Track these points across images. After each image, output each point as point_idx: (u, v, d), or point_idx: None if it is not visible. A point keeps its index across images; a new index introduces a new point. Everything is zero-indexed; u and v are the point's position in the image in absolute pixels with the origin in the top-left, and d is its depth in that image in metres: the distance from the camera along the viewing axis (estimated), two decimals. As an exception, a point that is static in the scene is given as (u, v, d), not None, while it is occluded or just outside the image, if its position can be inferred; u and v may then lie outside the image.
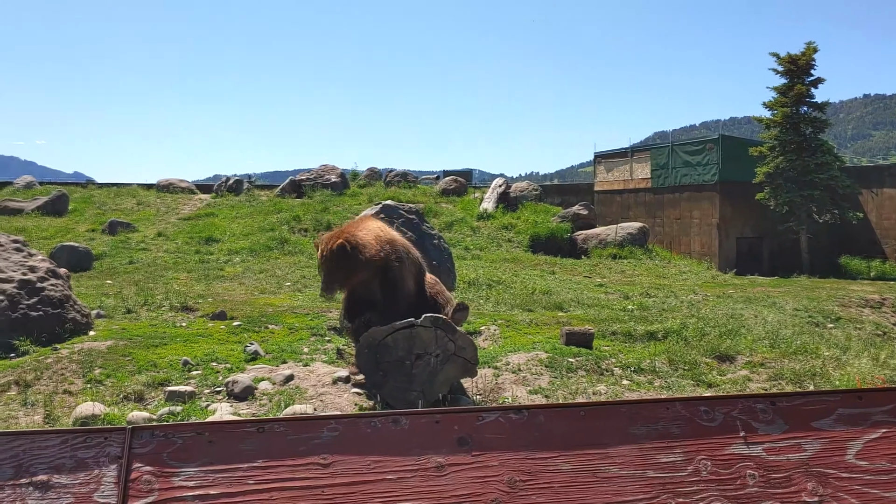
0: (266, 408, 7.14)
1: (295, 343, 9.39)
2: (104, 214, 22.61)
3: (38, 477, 1.69)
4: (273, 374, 8.10)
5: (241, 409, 7.11)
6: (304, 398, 7.38)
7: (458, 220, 22.33)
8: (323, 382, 7.93)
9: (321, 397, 7.50)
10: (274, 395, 7.48)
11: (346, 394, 7.62)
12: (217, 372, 8.19)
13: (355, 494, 1.74)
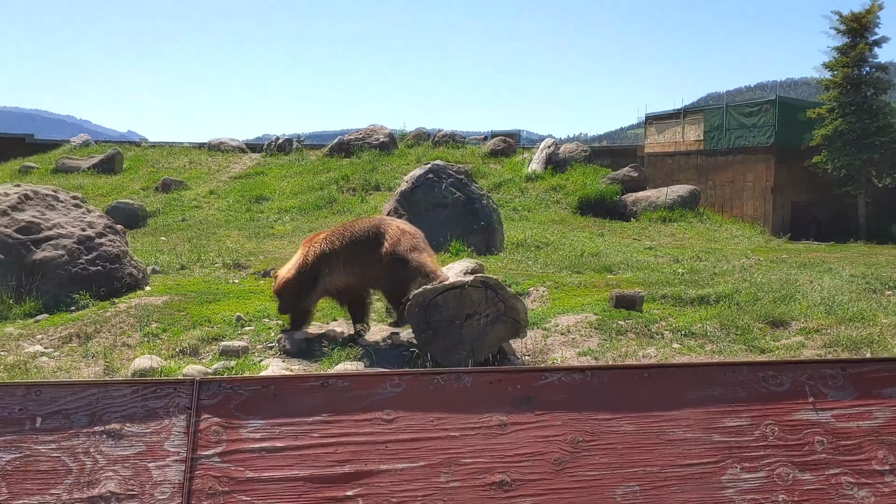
0: (317, 364, 7.24)
1: (344, 301, 9.46)
2: (157, 173, 22.97)
3: (111, 425, 1.73)
4: (323, 331, 8.20)
5: (293, 364, 7.22)
6: (353, 355, 7.46)
7: (506, 181, 22.19)
8: (373, 340, 8.00)
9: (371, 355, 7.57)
10: (324, 351, 7.57)
11: (396, 351, 7.69)
12: (269, 328, 8.32)
13: (418, 450, 1.75)
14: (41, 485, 1.65)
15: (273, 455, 1.72)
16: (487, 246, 13.76)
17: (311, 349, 7.66)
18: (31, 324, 8.25)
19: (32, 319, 8.38)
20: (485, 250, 13.49)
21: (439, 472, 1.73)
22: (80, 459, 1.68)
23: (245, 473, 1.69)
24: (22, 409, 1.73)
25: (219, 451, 1.71)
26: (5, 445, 1.68)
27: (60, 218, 9.63)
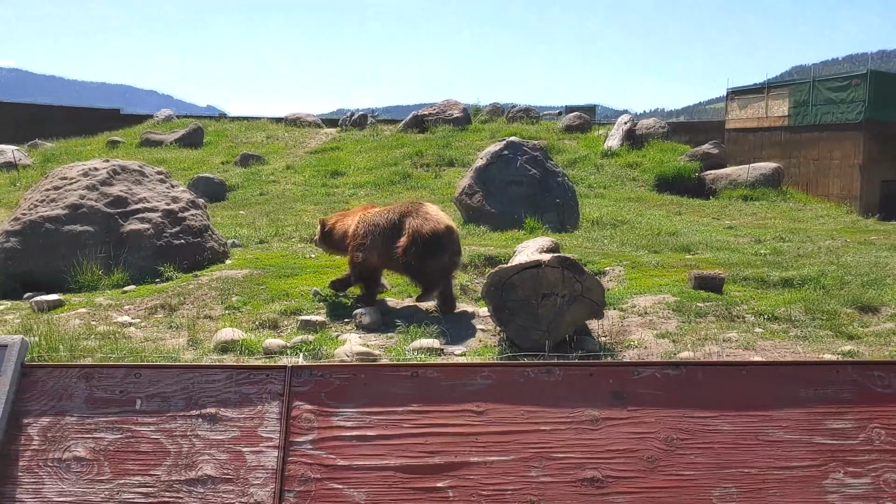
0: (394, 340, 7.30)
1: (420, 277, 9.51)
2: (236, 147, 23.45)
3: (207, 409, 1.76)
4: (399, 307, 8.27)
5: (370, 340, 7.30)
6: (428, 333, 7.50)
7: (582, 158, 21.88)
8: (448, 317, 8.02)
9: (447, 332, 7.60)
10: (401, 327, 7.64)
11: (472, 330, 7.70)
12: (346, 304, 8.43)
13: (509, 443, 1.73)
14: (142, 465, 1.70)
15: (364, 444, 1.72)
16: (563, 223, 13.61)
17: (389, 324, 7.74)
18: (119, 294, 8.54)
19: (121, 290, 8.68)
20: (560, 228, 13.35)
21: (530, 465, 1.71)
22: (178, 442, 1.72)
23: (337, 461, 1.70)
24: (123, 391, 1.78)
25: (311, 439, 1.72)
26: (108, 426, 1.73)
27: (147, 192, 9.93)
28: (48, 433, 1.71)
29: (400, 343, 7.19)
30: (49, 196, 9.49)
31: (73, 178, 9.76)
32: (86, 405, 1.74)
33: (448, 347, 7.08)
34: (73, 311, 7.84)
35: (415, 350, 6.85)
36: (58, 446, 1.70)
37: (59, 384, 1.77)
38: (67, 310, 7.93)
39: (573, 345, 6.98)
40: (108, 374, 1.78)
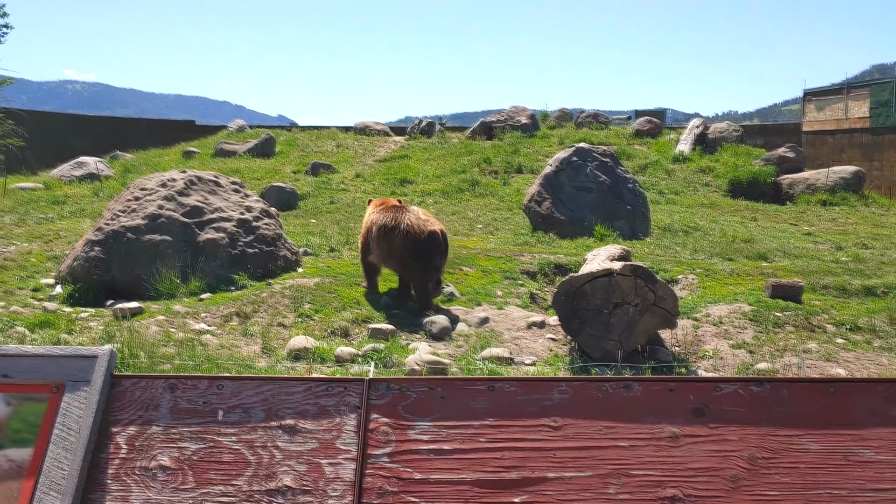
0: (463, 349, 7.31)
1: (489, 286, 9.52)
2: (307, 156, 23.84)
3: (287, 421, 1.79)
4: (468, 316, 8.27)
5: (439, 348, 7.32)
6: (499, 341, 7.48)
7: (652, 163, 21.55)
8: (517, 326, 8.00)
9: (516, 341, 7.58)
10: (470, 336, 7.64)
11: (541, 339, 7.65)
12: (415, 312, 8.47)
13: (586, 459, 1.71)
14: (224, 475, 1.73)
15: (440, 457, 1.72)
16: (633, 230, 13.43)
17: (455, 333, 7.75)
18: (195, 302, 8.77)
19: (197, 298, 8.91)
20: (630, 235, 13.18)
21: (608, 482, 1.69)
22: (258, 453, 1.75)
23: (413, 475, 1.71)
24: (206, 402, 1.82)
25: (388, 452, 1.73)
26: (192, 436, 1.78)
27: (221, 202, 10.18)
28: (135, 442, 1.77)
29: (469, 352, 7.19)
30: (129, 207, 9.81)
31: (152, 189, 10.07)
32: (170, 415, 1.79)
33: (518, 357, 7.05)
34: (152, 319, 8.07)
35: (484, 359, 6.84)
36: (144, 455, 1.75)
37: (145, 395, 1.83)
38: (147, 317, 8.18)
39: (646, 355, 6.87)
40: (192, 384, 1.82)
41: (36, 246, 12.05)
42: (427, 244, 8.40)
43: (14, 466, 1.75)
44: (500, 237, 13.44)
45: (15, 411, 1.82)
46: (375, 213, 9.08)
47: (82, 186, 19.84)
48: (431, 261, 8.39)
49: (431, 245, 8.42)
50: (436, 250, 8.45)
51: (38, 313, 8.29)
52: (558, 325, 7.59)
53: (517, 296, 9.24)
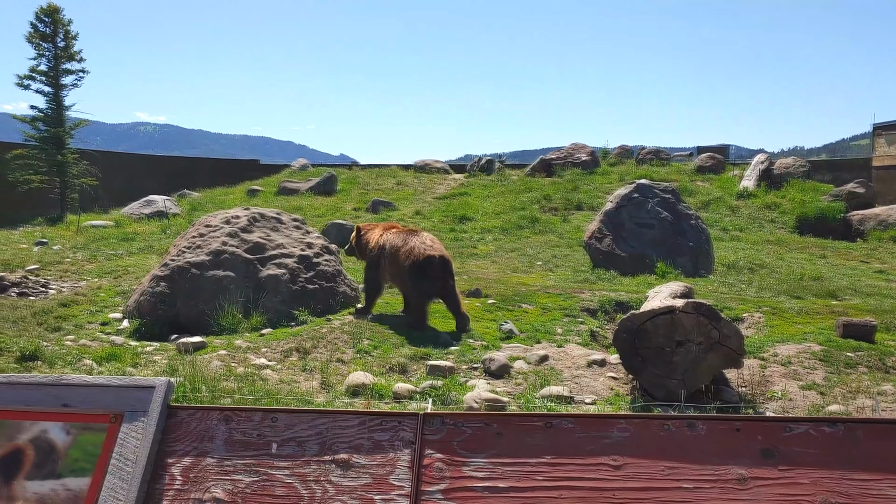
0: (522, 387, 7.22)
1: (548, 323, 9.41)
2: (367, 194, 24.12)
3: (340, 455, 1.76)
4: (528, 354, 8.18)
5: (498, 386, 7.24)
6: (559, 380, 7.36)
7: (715, 199, 21.18)
8: (577, 364, 7.87)
9: (576, 380, 7.45)
10: (529, 374, 7.55)
11: (602, 378, 7.51)
12: (473, 349, 8.42)
13: (648, 501, 1.64)
14: (277, 509, 1.71)
15: (496, 495, 1.68)
16: (696, 267, 13.17)
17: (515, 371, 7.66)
18: (256, 337, 8.87)
19: (258, 333, 9.01)
20: (693, 272, 12.92)
21: (671, 526, 1.62)
22: (311, 487, 1.73)
23: (468, 513, 1.66)
24: (260, 435, 1.81)
25: (442, 488, 1.69)
26: (245, 469, 1.77)
27: (283, 239, 10.33)
28: (190, 474, 1.76)
29: (528, 390, 7.09)
30: (195, 243, 10.03)
31: (216, 226, 10.29)
32: (225, 447, 1.79)
33: (578, 396, 6.93)
34: (214, 353, 8.19)
35: (544, 398, 6.73)
36: (198, 487, 1.74)
37: (201, 426, 1.83)
38: (209, 351, 8.30)
39: (710, 395, 6.67)
40: (246, 417, 1.81)
41: (105, 281, 12.39)
42: (423, 266, 9.20)
43: (71, 496, 1.76)
44: (560, 274, 13.31)
45: (74, 440, 1.84)
46: (390, 234, 9.89)
47: (151, 224, 20.40)
48: (426, 282, 9.19)
49: (427, 267, 9.19)
50: (431, 273, 9.20)
51: (105, 347, 8.49)
52: (619, 363, 7.44)
53: (577, 333, 9.11)
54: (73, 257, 14.85)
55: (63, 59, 26.91)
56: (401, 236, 9.73)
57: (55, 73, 26.84)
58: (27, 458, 1.82)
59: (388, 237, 9.83)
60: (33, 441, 1.85)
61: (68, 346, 8.63)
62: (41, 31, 26.64)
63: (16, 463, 1.82)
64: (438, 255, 9.36)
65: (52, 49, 26.76)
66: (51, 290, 12.09)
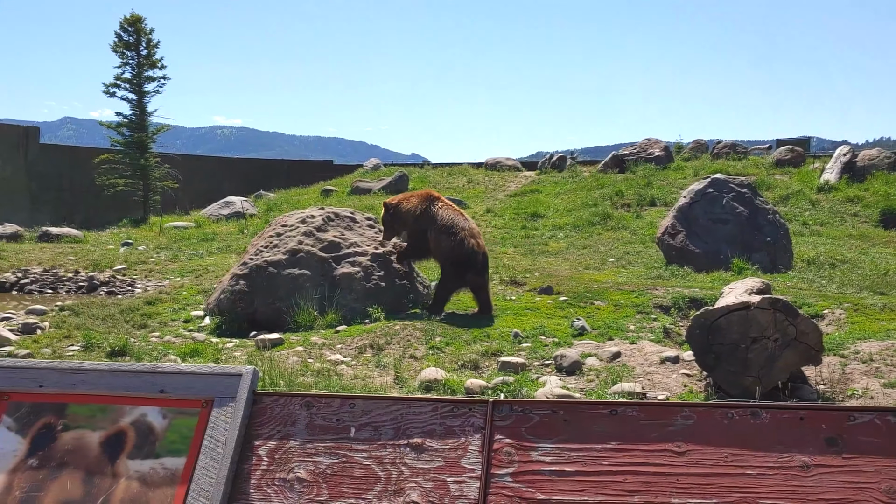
0: (594, 383, 7.23)
1: (620, 320, 9.37)
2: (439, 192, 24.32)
3: (414, 440, 1.87)
4: (600, 351, 8.18)
5: (570, 382, 7.27)
6: (631, 376, 7.35)
7: (795, 193, 20.61)
8: (650, 361, 7.83)
9: (649, 376, 7.42)
10: (601, 371, 7.55)
11: (675, 374, 7.46)
12: (545, 345, 8.46)
13: (711, 486, 1.69)
14: (355, 489, 1.82)
15: (563, 479, 1.75)
16: (773, 263, 12.89)
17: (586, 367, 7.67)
18: (331, 334, 9.10)
19: (333, 330, 9.24)
20: (771, 268, 12.65)
21: (735, 511, 1.66)
22: (387, 469, 1.84)
23: (536, 495, 1.74)
24: (339, 420, 1.93)
25: (511, 472, 1.77)
26: (325, 451, 1.88)
27: (357, 237, 10.55)
28: (275, 455, 1.89)
29: (600, 386, 7.10)
30: (272, 242, 10.33)
31: (292, 226, 10.58)
32: (306, 431, 1.90)
33: (651, 392, 6.90)
34: (290, 349, 8.44)
35: (615, 394, 6.73)
36: (283, 467, 1.86)
37: (284, 411, 1.95)
38: (286, 347, 8.56)
39: (787, 392, 6.56)
40: (326, 403, 1.93)
41: (187, 280, 12.86)
42: (470, 260, 9.72)
43: (169, 474, 1.91)
44: (633, 271, 13.21)
45: (170, 424, 2.00)
46: (445, 210, 10.20)
47: (229, 224, 21.03)
48: (467, 274, 9.74)
49: (473, 261, 9.74)
50: (474, 268, 9.77)
51: (188, 343, 8.84)
52: (693, 360, 7.37)
53: (650, 330, 9.05)
54: (157, 257, 15.44)
55: (146, 67, 27.94)
56: (449, 214, 10.10)
57: (139, 81, 27.88)
58: (129, 439, 1.98)
59: (441, 213, 10.11)
60: (134, 424, 2.01)
61: (154, 342, 9.02)
62: (125, 41, 27.72)
63: (119, 443, 1.98)
64: (482, 252, 9.98)
65: (135, 57, 27.82)
66: (136, 289, 12.62)
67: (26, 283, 12.97)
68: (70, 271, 13.70)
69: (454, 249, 9.76)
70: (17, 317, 10.21)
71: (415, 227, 10.20)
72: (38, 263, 14.20)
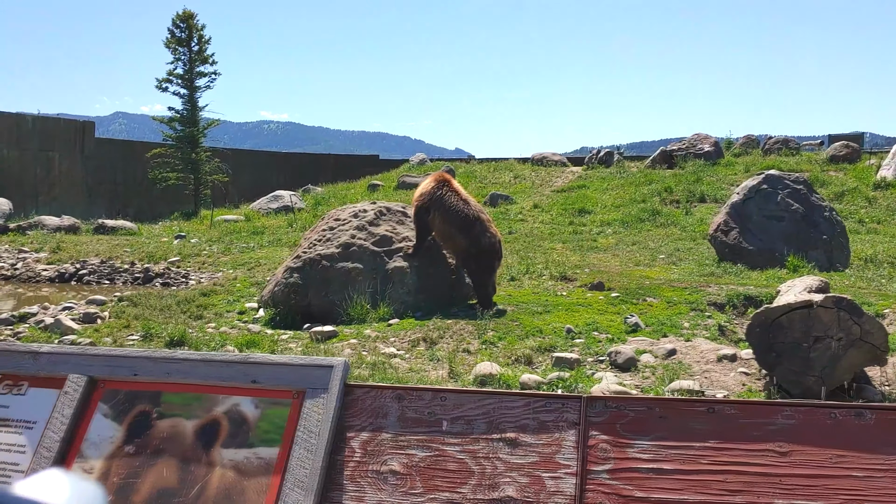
0: (649, 380, 7.16)
1: (674, 317, 9.26)
2: (485, 187, 24.27)
3: (507, 434, 1.86)
4: (654, 348, 8.09)
5: (625, 379, 7.21)
6: (688, 374, 7.26)
7: (850, 190, 20.16)
8: (707, 359, 7.72)
9: (705, 374, 7.32)
10: (657, 368, 7.47)
11: (733, 373, 7.34)
12: (598, 341, 8.39)
13: (816, 488, 1.66)
14: (449, 483, 1.83)
15: (661, 477, 1.73)
16: (830, 262, 12.62)
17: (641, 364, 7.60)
18: (384, 327, 9.14)
19: (385, 323, 9.28)
20: (827, 266, 12.38)
21: (841, 513, 1.63)
22: (481, 463, 1.83)
23: (634, 493, 1.72)
24: (430, 413, 1.93)
25: (608, 468, 1.76)
26: (418, 444, 1.89)
27: (409, 232, 10.58)
28: (367, 447, 1.90)
29: (656, 384, 7.03)
30: (325, 236, 10.42)
31: (345, 220, 10.65)
32: (399, 423, 1.91)
33: (709, 390, 6.81)
34: (345, 342, 8.50)
35: (673, 391, 6.66)
36: (376, 459, 1.87)
37: (375, 403, 1.96)
38: (340, 340, 8.62)
39: (851, 393, 6.42)
40: (417, 395, 1.94)
41: (240, 272, 13.03)
42: (489, 254, 9.86)
43: (263, 464, 1.94)
44: (684, 268, 13.04)
45: (262, 414, 2.02)
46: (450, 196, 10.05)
47: (278, 218, 21.25)
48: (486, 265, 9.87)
49: (490, 253, 9.87)
50: (492, 258, 9.93)
51: (244, 334, 8.96)
52: (751, 358, 7.26)
53: (705, 328, 8.92)
54: (210, 250, 15.67)
55: (197, 63, 28.36)
56: (461, 202, 10.02)
57: (190, 76, 28.31)
58: (223, 429, 2.01)
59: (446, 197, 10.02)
60: (227, 413, 2.04)
61: (210, 332, 9.16)
62: (177, 37, 28.16)
63: (213, 432, 2.01)
64: (499, 241, 10.19)
65: (187, 53, 28.25)
66: (191, 281, 12.83)
67: (84, 273, 13.27)
68: (126, 263, 13.99)
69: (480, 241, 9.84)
70: (77, 306, 10.45)
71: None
72: (96, 255, 14.52)
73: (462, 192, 10.26)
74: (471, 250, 9.84)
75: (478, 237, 9.82)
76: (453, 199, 9.99)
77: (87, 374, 2.12)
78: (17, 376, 2.16)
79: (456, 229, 9.89)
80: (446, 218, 9.90)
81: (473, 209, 10.06)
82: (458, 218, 9.87)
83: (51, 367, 2.16)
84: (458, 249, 10.06)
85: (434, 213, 9.97)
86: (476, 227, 9.86)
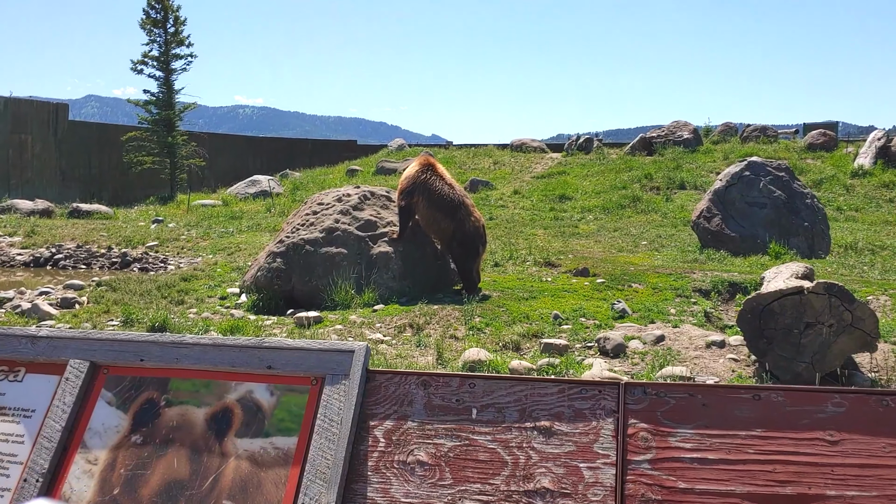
0: (639, 366, 7.12)
1: (660, 303, 9.23)
2: (464, 173, 24.16)
3: (541, 423, 1.77)
4: (642, 334, 8.05)
5: (615, 365, 7.16)
6: (678, 360, 7.23)
7: (828, 178, 20.33)
8: (695, 345, 7.70)
9: (695, 360, 7.30)
10: (646, 354, 7.43)
11: (722, 359, 7.33)
12: (586, 327, 8.34)
13: (870, 478, 1.59)
14: (481, 473, 1.73)
15: (705, 467, 1.65)
16: (811, 249, 12.68)
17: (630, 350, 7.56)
18: (369, 313, 9.03)
19: (371, 309, 9.17)
20: (808, 253, 12.44)
21: (896, 504, 1.55)
22: (514, 453, 1.74)
23: (678, 483, 1.64)
24: (459, 401, 1.84)
25: (649, 458, 1.68)
26: (446, 433, 1.79)
27: (393, 216, 10.45)
28: (392, 436, 1.80)
29: (647, 370, 6.99)
30: (308, 220, 10.26)
31: (329, 204, 10.50)
32: (425, 411, 1.82)
33: (700, 377, 6.79)
34: (330, 327, 8.38)
35: (664, 377, 6.62)
36: (401, 450, 1.78)
37: (399, 390, 1.86)
38: (326, 325, 8.50)
39: (842, 380, 6.42)
40: (444, 382, 1.84)
41: (220, 257, 12.84)
42: (473, 239, 9.82)
43: (280, 454, 1.83)
44: (667, 254, 13.04)
45: (279, 401, 1.91)
46: (436, 181, 9.95)
47: (256, 203, 21.00)
48: (472, 250, 9.85)
49: (475, 239, 9.86)
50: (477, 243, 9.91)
51: (227, 319, 8.80)
52: (739, 345, 7.25)
53: (691, 314, 8.90)
54: (188, 235, 15.43)
55: (173, 44, 27.91)
56: (446, 186, 9.93)
57: (166, 58, 27.86)
58: (236, 417, 1.90)
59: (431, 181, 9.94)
60: (240, 401, 1.93)
61: (192, 318, 9.00)
62: (153, 18, 27.67)
63: (226, 420, 1.90)
64: (483, 225, 10.18)
65: (162, 34, 27.78)
66: (170, 266, 12.61)
67: (60, 258, 13.00)
68: (103, 247, 13.73)
69: (464, 226, 9.80)
70: (55, 291, 10.22)
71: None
72: (72, 239, 14.24)
73: (447, 177, 10.14)
74: (455, 235, 9.75)
75: (462, 221, 9.73)
76: (438, 183, 9.88)
77: (89, 359, 2.00)
78: (14, 361, 2.03)
79: (441, 213, 9.77)
80: (431, 202, 9.79)
81: (458, 194, 9.95)
82: (443, 202, 9.76)
83: (50, 352, 2.03)
84: (442, 234, 9.94)
85: (419, 197, 9.83)
86: (460, 212, 9.76)
